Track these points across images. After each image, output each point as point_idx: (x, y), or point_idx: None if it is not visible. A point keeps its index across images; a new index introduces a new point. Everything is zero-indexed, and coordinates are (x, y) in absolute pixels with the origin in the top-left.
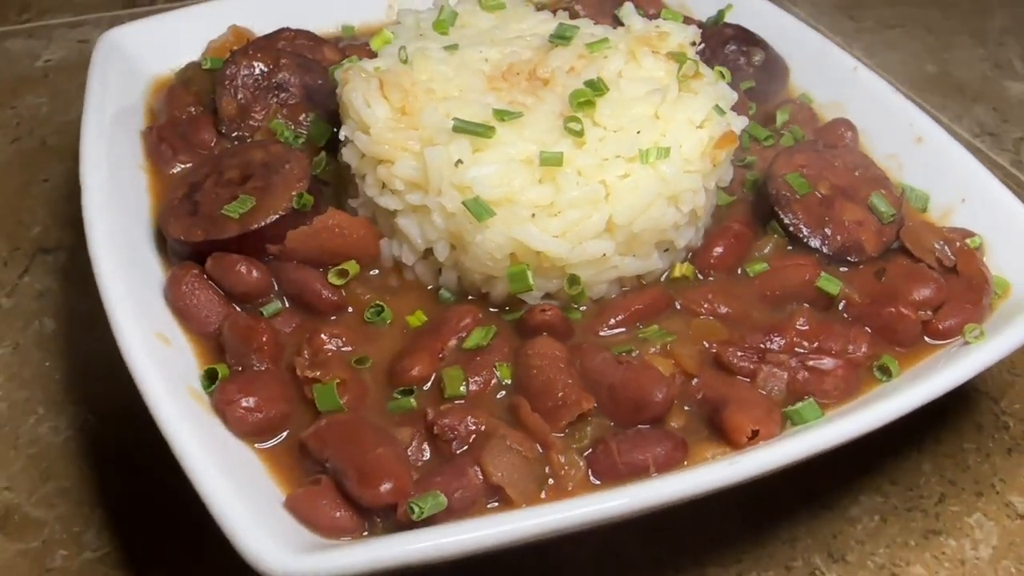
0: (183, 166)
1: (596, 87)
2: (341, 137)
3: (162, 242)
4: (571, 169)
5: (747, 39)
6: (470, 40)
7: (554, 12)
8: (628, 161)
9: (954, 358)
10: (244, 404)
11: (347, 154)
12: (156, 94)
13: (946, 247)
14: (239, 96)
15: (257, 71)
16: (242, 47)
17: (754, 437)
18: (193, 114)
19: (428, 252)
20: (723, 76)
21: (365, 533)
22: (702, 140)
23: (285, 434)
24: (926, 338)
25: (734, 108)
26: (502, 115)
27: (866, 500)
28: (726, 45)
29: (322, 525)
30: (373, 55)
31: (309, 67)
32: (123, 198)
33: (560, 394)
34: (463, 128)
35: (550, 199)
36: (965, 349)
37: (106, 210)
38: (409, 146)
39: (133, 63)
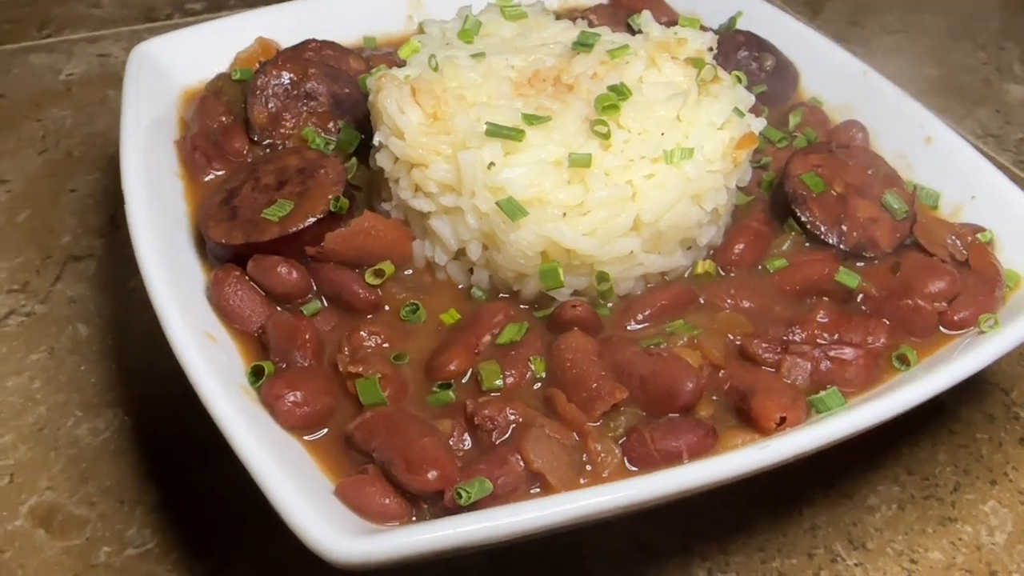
0: (217, 173)
1: (620, 91)
2: (375, 142)
3: (201, 246)
4: (599, 170)
5: (758, 45)
6: (495, 48)
7: (573, 22)
8: (653, 162)
9: (970, 347)
10: (291, 399)
11: (381, 159)
12: (187, 105)
13: (958, 242)
14: (270, 105)
15: (286, 81)
16: (271, 58)
17: (782, 423)
18: (225, 123)
19: (460, 252)
20: (740, 80)
21: (413, 519)
22: (723, 141)
23: (329, 427)
24: (942, 328)
25: (750, 111)
26: (531, 119)
27: (883, 490)
28: (738, 51)
29: (372, 511)
30: (396, 64)
31: (336, 76)
32: (162, 204)
33: (594, 385)
34: (495, 132)
35: (580, 199)
36: (981, 338)
37: (148, 216)
38: (442, 150)
39: (164, 75)
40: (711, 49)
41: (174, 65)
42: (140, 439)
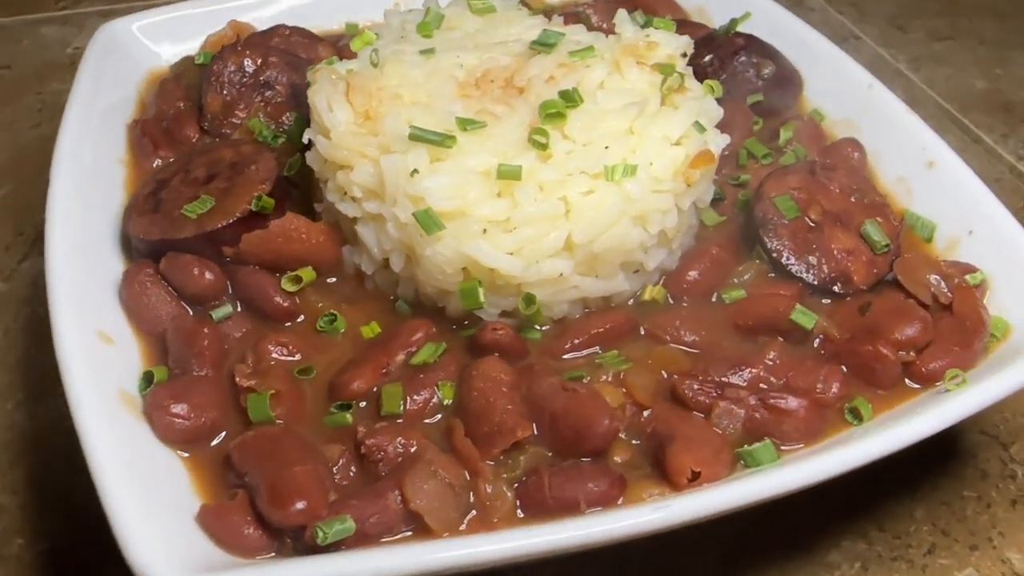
0: (162, 161)
1: (569, 98)
2: (304, 140)
3: (129, 239)
4: (532, 184)
5: (758, 50)
6: (450, 44)
7: (564, 16)
8: (593, 177)
9: (929, 406)
10: (173, 410)
11: (310, 158)
12: (151, 88)
13: (943, 283)
14: (224, 93)
15: (244, 68)
16: (231, 44)
17: (695, 479)
18: (180, 109)
19: (387, 262)
20: (712, 90)
21: (272, 554)
22: (676, 158)
23: (218, 441)
24: (908, 381)
25: (735, 122)
26: (465, 124)
27: (848, 545)
28: (736, 56)
29: (229, 542)
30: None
31: (298, 66)
32: (93, 193)
33: (497, 419)
34: (419, 137)
35: (506, 214)
36: (943, 396)
37: (71, 205)
38: (368, 152)
39: (131, 55)
40: (684, 55)
41: (146, 45)
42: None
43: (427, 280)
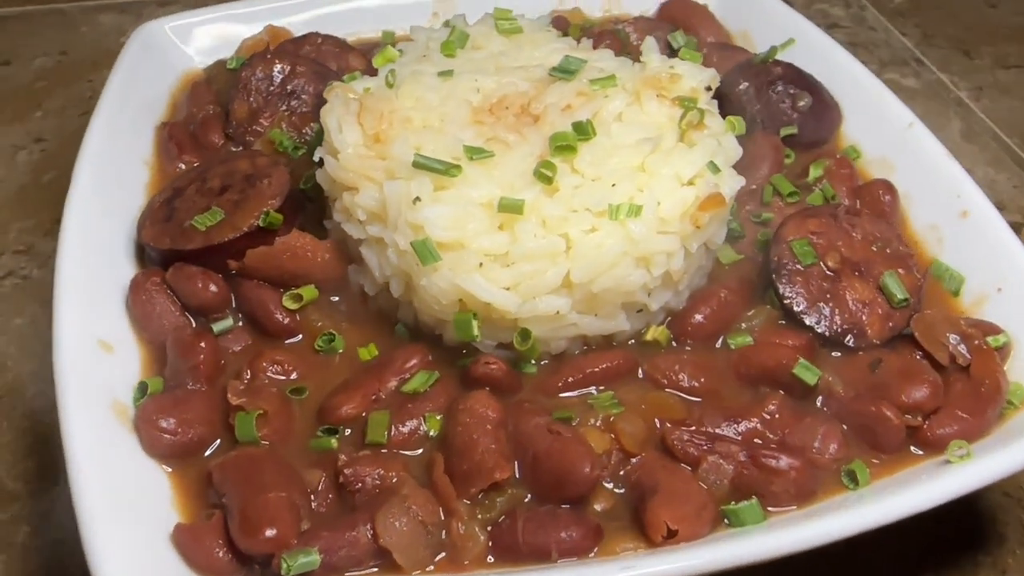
0: (185, 166)
1: (582, 130)
2: (315, 159)
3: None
4: (535, 218)
5: (796, 80)
6: (471, 66)
7: (600, 35)
8: (596, 215)
9: (930, 477)
10: (161, 424)
11: (320, 176)
12: (184, 89)
13: (962, 344)
14: (251, 100)
15: (272, 76)
16: (261, 51)
17: (672, 536)
18: (208, 114)
19: (387, 285)
20: (734, 127)
21: None
22: (686, 199)
23: (209, 455)
24: (912, 447)
25: (765, 155)
26: (473, 153)
27: None
28: (772, 85)
29: (199, 563)
30: None
31: (325, 76)
32: (115, 194)
33: (478, 458)
34: (423, 165)
35: (505, 248)
36: (945, 468)
37: (90, 206)
38: (374, 176)
39: (167, 55)
40: (709, 88)
41: (180, 47)
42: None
43: (423, 309)
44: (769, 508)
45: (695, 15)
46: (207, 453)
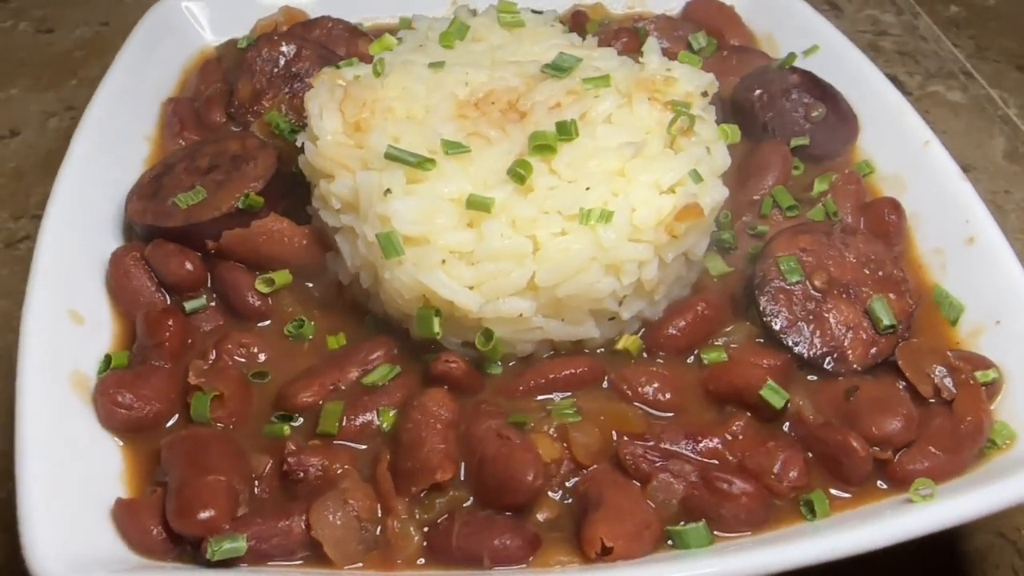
0: (185, 142)
1: (564, 130)
2: (297, 143)
3: None
4: (505, 218)
5: (812, 89)
6: (466, 58)
7: (617, 33)
8: (567, 219)
9: (889, 515)
10: (118, 398)
11: (302, 161)
12: (197, 67)
13: (947, 377)
14: (255, 80)
15: (278, 58)
16: (268, 33)
17: (606, 553)
18: (214, 92)
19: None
20: (727, 135)
21: (170, 559)
22: (662, 208)
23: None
24: (880, 482)
25: (771, 165)
26: (449, 147)
27: None
28: (786, 93)
29: (133, 539)
30: None
31: (330, 60)
32: (111, 168)
33: (423, 456)
34: (395, 157)
35: (471, 246)
36: (906, 507)
37: (82, 177)
38: (350, 165)
39: (182, 33)
40: (705, 94)
41: (195, 25)
42: None
43: (388, 302)
44: (723, 533)
45: (720, 16)
46: (166, 428)
